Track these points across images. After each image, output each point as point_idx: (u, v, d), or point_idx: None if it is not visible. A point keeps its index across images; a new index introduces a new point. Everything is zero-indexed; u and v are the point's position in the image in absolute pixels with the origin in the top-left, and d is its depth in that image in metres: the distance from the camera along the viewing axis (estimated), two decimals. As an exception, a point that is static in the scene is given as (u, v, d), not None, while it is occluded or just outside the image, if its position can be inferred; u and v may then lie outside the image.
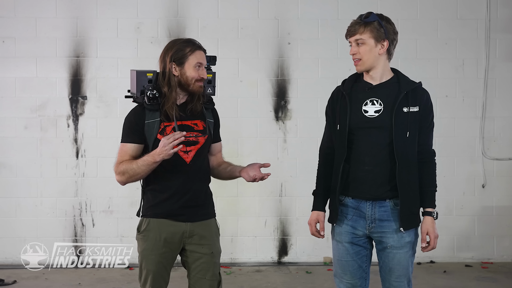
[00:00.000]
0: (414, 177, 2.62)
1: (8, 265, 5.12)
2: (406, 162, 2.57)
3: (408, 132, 2.56)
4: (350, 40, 2.62)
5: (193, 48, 2.63)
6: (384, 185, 2.59)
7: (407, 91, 2.59)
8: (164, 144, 2.47)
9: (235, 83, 5.25)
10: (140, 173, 2.58)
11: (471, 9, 5.37)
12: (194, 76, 2.62)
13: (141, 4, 5.25)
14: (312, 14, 5.30)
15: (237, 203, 5.23)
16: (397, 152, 2.55)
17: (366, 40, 2.57)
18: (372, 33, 2.57)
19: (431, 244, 2.63)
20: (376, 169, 2.58)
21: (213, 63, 2.91)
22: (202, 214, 2.71)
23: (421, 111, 2.60)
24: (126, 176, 2.61)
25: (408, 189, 2.58)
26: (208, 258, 2.68)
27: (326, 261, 5.29)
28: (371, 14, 2.60)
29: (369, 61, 2.60)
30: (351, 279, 2.69)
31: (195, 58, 2.62)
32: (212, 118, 2.78)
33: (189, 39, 2.71)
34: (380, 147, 2.58)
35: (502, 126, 5.43)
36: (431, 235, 2.62)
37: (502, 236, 5.43)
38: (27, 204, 5.20)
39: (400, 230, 2.58)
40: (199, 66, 2.63)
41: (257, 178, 2.60)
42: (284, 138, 5.34)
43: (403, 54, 5.16)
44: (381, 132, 2.58)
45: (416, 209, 2.64)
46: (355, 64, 2.63)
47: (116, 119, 5.14)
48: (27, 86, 5.21)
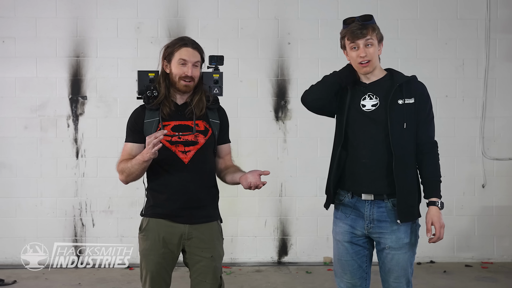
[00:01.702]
0: (411, 170, 2.62)
1: (8, 265, 5.12)
2: (403, 155, 2.57)
3: (405, 123, 2.57)
4: (359, 42, 2.60)
5: (179, 45, 2.62)
6: (381, 179, 2.59)
7: (400, 84, 2.61)
8: (147, 143, 2.47)
9: (235, 83, 5.25)
10: (134, 172, 2.58)
11: (471, 9, 5.38)
12: (177, 73, 2.61)
13: (141, 4, 5.25)
14: (312, 14, 5.30)
15: (237, 203, 5.23)
16: (393, 145, 2.56)
17: (374, 41, 2.61)
18: (377, 34, 2.63)
19: (437, 234, 2.60)
20: (373, 162, 2.59)
21: (220, 63, 2.89)
22: (202, 216, 2.67)
23: (417, 102, 2.61)
24: (124, 175, 2.63)
25: (404, 182, 2.57)
26: (208, 262, 2.66)
27: (326, 261, 5.29)
28: (372, 16, 2.63)
29: (375, 62, 2.63)
30: (351, 278, 2.69)
31: (179, 54, 2.60)
32: (218, 119, 2.73)
33: (182, 37, 2.70)
34: (377, 140, 2.59)
35: (502, 126, 5.43)
36: (436, 224, 2.59)
37: (502, 236, 5.43)
38: (27, 204, 5.20)
39: (398, 222, 2.57)
40: (183, 63, 2.60)
41: (252, 186, 2.55)
42: (284, 138, 5.34)
43: (403, 54, 5.18)
44: (378, 125, 2.59)
45: (413, 202, 2.62)
46: (364, 66, 2.62)
47: (116, 119, 5.15)
48: (27, 86, 5.21)
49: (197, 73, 2.66)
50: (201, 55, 2.68)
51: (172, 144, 2.60)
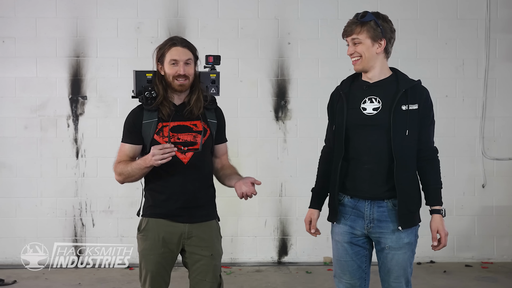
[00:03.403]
0: (412, 176, 2.61)
1: (8, 265, 5.12)
2: (405, 161, 2.56)
3: (407, 130, 2.54)
4: (347, 39, 2.61)
5: (169, 45, 2.63)
6: (383, 184, 2.57)
7: (406, 89, 2.57)
8: (153, 154, 2.48)
9: (235, 83, 5.25)
10: (134, 175, 2.61)
11: (471, 9, 5.37)
12: (170, 73, 2.62)
13: (141, 4, 5.25)
14: (312, 14, 5.30)
15: (237, 203, 5.18)
16: (395, 151, 2.53)
17: (362, 40, 2.55)
18: (368, 32, 2.55)
19: (442, 242, 2.62)
20: (375, 167, 2.57)
21: (217, 62, 2.88)
22: (201, 215, 2.69)
23: (420, 108, 2.57)
24: (122, 177, 2.66)
25: (406, 188, 2.56)
26: (207, 260, 2.67)
27: (326, 261, 5.29)
28: (367, 14, 2.58)
29: (367, 60, 2.57)
30: (350, 279, 2.69)
31: (170, 55, 2.61)
32: (215, 119, 2.74)
33: (171, 37, 2.70)
34: (379, 145, 2.56)
35: (502, 126, 5.43)
36: (442, 233, 2.61)
37: (502, 236, 5.43)
38: (27, 204, 5.21)
39: (399, 229, 2.57)
40: (174, 63, 2.61)
41: (244, 195, 2.62)
42: (284, 138, 5.34)
43: (403, 54, 5.17)
44: (380, 130, 2.56)
45: (414, 208, 2.62)
46: (354, 64, 2.61)
47: (116, 119, 5.14)
48: (27, 86, 5.21)
49: (191, 70, 2.65)
50: (193, 52, 2.67)
51: None
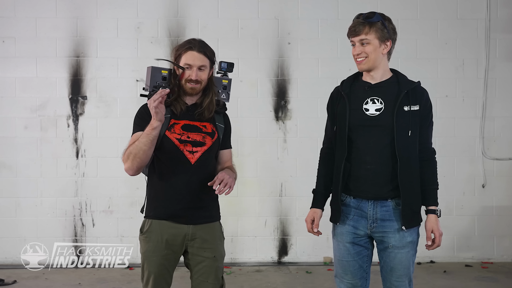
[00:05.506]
0: (415, 176, 2.61)
1: (8, 265, 5.13)
2: (408, 161, 2.56)
3: (410, 131, 2.55)
4: (354, 40, 2.60)
5: (186, 48, 2.63)
6: (386, 184, 2.58)
7: (407, 90, 2.58)
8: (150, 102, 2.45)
9: (235, 83, 5.16)
10: (142, 147, 2.50)
11: (471, 9, 5.38)
12: (183, 76, 2.62)
13: (141, 4, 5.26)
14: (312, 14, 5.30)
15: (237, 203, 5.23)
16: (399, 151, 2.54)
17: (371, 40, 2.56)
18: (376, 33, 2.56)
19: (436, 242, 2.61)
20: (378, 168, 2.57)
21: (230, 70, 2.88)
22: (205, 216, 2.68)
23: (421, 109, 2.59)
24: (131, 158, 2.53)
25: (409, 188, 2.57)
26: (210, 262, 2.66)
27: (326, 261, 5.29)
28: (375, 15, 2.58)
29: (373, 61, 2.58)
30: (351, 279, 2.69)
31: (184, 58, 2.61)
32: (223, 124, 2.76)
33: (190, 39, 2.69)
34: (381, 145, 2.57)
35: (502, 126, 5.43)
36: (436, 233, 2.61)
37: (502, 236, 5.43)
38: (27, 204, 5.21)
39: (402, 229, 2.57)
40: (188, 67, 2.61)
41: (219, 180, 2.54)
42: (284, 138, 5.34)
43: (403, 54, 5.16)
44: (382, 131, 2.57)
45: (417, 208, 2.63)
46: (359, 63, 2.60)
47: (116, 119, 5.15)
48: (27, 86, 5.21)
49: (204, 76, 2.65)
50: (210, 58, 2.66)
51: (181, 143, 2.60)
